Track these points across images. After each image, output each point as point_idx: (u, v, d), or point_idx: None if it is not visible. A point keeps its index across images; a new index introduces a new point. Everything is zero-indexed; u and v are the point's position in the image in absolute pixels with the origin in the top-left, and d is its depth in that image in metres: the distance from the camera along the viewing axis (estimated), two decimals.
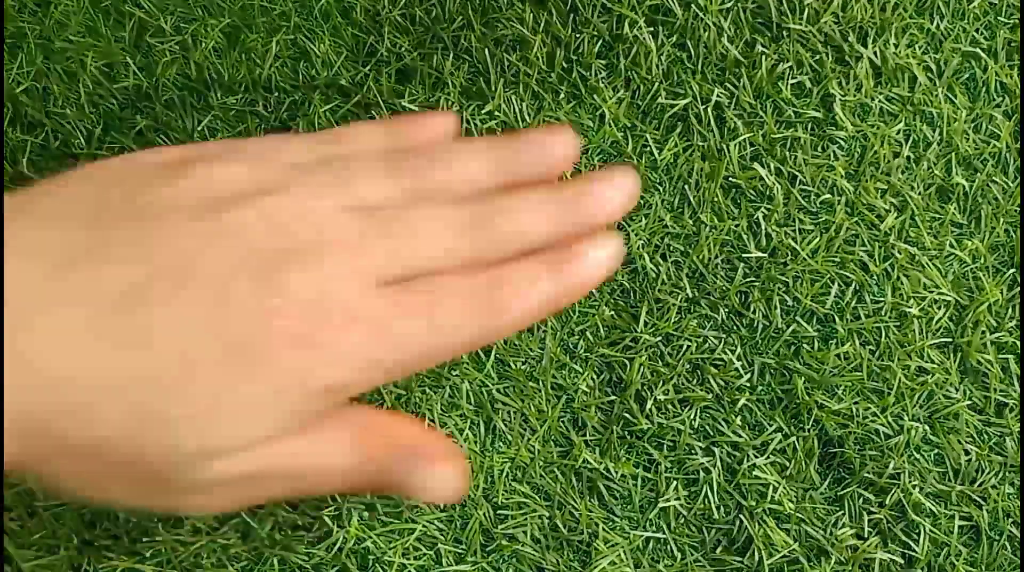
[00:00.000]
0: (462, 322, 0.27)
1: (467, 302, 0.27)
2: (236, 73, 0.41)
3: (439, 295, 0.27)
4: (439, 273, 0.27)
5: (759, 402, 0.37)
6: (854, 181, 0.38)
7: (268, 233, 0.26)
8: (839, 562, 0.35)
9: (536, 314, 0.28)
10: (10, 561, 0.36)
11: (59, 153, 0.40)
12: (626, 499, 0.36)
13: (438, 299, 0.27)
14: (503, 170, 0.30)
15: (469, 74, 0.41)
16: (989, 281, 0.38)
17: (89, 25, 0.42)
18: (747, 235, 0.38)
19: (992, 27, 0.40)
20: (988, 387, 0.37)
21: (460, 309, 0.27)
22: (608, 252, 0.28)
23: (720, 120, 0.39)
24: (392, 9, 0.41)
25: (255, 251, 0.26)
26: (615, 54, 0.40)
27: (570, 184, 0.29)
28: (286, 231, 0.26)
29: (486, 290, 0.27)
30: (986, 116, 0.39)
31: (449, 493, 0.28)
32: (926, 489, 0.36)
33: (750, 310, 0.37)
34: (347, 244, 0.27)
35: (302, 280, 0.26)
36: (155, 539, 0.36)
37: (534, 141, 0.30)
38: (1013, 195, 0.38)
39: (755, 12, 0.40)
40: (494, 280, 0.28)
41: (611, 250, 0.29)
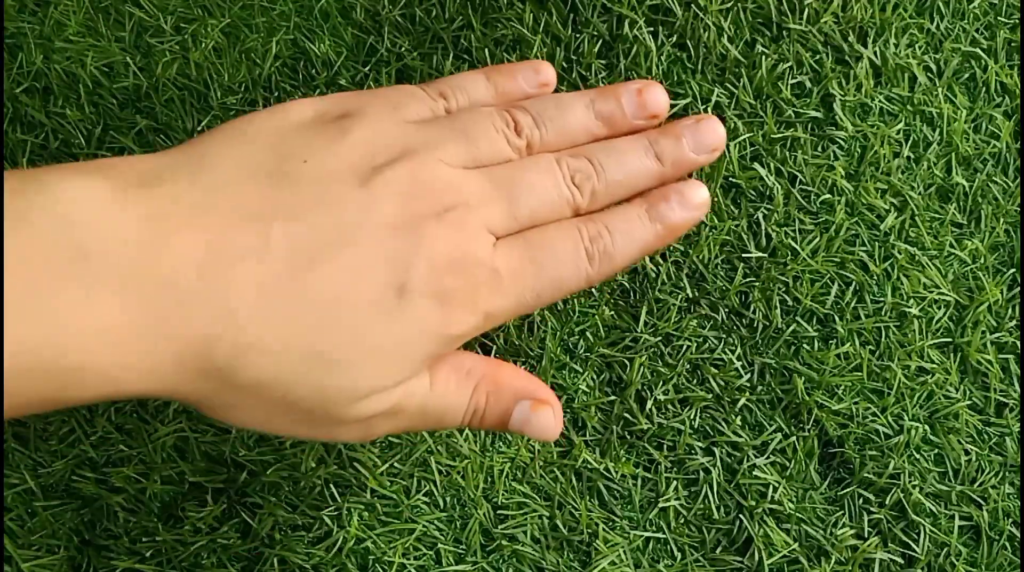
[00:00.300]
0: (574, 273, 0.30)
1: (578, 254, 0.30)
2: (236, 73, 0.41)
3: (554, 247, 0.30)
4: (555, 220, 0.31)
5: (759, 402, 0.37)
6: (854, 181, 0.38)
7: (415, 195, 0.28)
8: (839, 562, 0.35)
9: (637, 258, 0.32)
10: (10, 561, 0.36)
11: (59, 153, 0.40)
12: (626, 499, 0.36)
13: (552, 253, 0.30)
14: (607, 120, 0.33)
15: None
16: (989, 281, 0.38)
17: (89, 25, 0.42)
18: (747, 235, 0.38)
19: (992, 27, 0.40)
20: (988, 387, 0.37)
21: (572, 260, 0.30)
22: (700, 197, 0.32)
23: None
24: (392, 9, 0.41)
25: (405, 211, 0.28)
26: (615, 54, 0.40)
27: (667, 129, 0.32)
28: (430, 191, 0.29)
29: (594, 240, 0.31)
30: (986, 116, 0.39)
31: (551, 431, 0.31)
32: (926, 489, 0.36)
33: (750, 310, 0.37)
34: (478, 202, 0.29)
35: (448, 238, 0.28)
36: (155, 539, 0.36)
37: (632, 92, 0.33)
38: (1013, 195, 0.39)
39: (755, 12, 0.40)
40: (601, 229, 0.31)
41: (702, 195, 0.32)
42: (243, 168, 0.28)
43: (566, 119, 0.32)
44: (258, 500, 0.36)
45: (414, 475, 0.37)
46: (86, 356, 0.25)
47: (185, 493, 0.36)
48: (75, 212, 0.25)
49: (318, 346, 0.27)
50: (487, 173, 0.30)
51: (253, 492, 0.36)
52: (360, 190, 0.28)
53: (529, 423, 0.31)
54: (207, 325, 0.26)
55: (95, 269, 0.24)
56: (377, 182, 0.28)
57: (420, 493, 0.36)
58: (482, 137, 0.31)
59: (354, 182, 0.28)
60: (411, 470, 0.37)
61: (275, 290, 0.26)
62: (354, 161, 0.29)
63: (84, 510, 0.36)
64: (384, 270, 0.28)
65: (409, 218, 0.28)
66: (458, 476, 0.37)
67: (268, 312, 0.26)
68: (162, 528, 0.36)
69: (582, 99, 0.33)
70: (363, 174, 0.28)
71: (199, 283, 0.25)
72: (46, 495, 0.36)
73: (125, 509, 0.36)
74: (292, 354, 0.27)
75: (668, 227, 0.32)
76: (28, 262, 0.24)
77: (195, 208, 0.26)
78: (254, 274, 0.26)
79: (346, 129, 0.29)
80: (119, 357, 0.25)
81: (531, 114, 0.32)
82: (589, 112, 0.33)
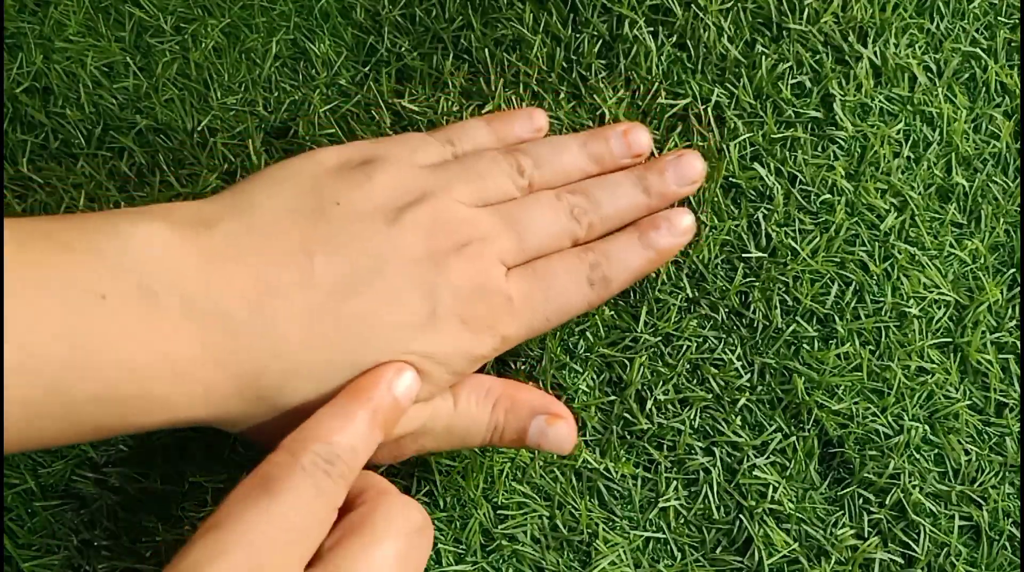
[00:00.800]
0: (578, 298, 0.34)
1: (580, 280, 0.34)
2: (236, 73, 0.41)
3: (559, 276, 0.34)
4: (556, 250, 0.34)
5: (759, 402, 0.37)
6: (854, 181, 0.38)
7: (436, 232, 0.32)
8: (839, 562, 0.35)
9: (632, 281, 0.36)
10: (10, 561, 0.36)
11: (59, 153, 0.40)
12: (626, 499, 0.36)
13: (557, 280, 0.33)
14: (597, 159, 0.37)
15: (469, 74, 0.41)
16: (989, 281, 0.38)
17: (89, 25, 0.42)
18: (747, 235, 0.38)
19: (992, 27, 0.40)
20: (988, 387, 0.37)
21: (576, 287, 0.34)
22: (686, 223, 0.36)
23: (720, 120, 0.39)
24: (392, 9, 0.41)
25: (429, 246, 0.31)
26: (615, 54, 0.40)
27: (652, 165, 0.37)
28: (449, 228, 0.32)
29: (595, 267, 0.34)
30: (986, 116, 0.39)
31: (567, 443, 0.34)
32: (926, 489, 0.36)
33: (750, 310, 0.37)
34: (491, 236, 0.33)
35: (468, 269, 0.31)
36: (155, 539, 0.36)
37: (619, 133, 0.37)
38: (1013, 195, 0.38)
39: (755, 12, 0.40)
40: (600, 257, 0.34)
41: (688, 221, 0.36)
42: (284, 210, 0.30)
43: (562, 159, 0.36)
44: None
45: (414, 475, 0.37)
46: (152, 384, 0.27)
47: (185, 493, 0.36)
48: (143, 252, 0.28)
49: (359, 363, 0.30)
50: (497, 210, 0.34)
51: None
52: (388, 228, 0.31)
53: (546, 436, 0.33)
54: (259, 354, 0.28)
55: (162, 304, 0.27)
56: (403, 221, 0.31)
57: (420, 493, 0.36)
58: (490, 178, 0.34)
59: (382, 221, 0.31)
60: (411, 470, 0.37)
61: (319, 317, 0.29)
62: (380, 203, 0.32)
63: (84, 510, 0.36)
64: (416, 296, 0.31)
65: (433, 252, 0.31)
66: (458, 476, 0.37)
67: (313, 338, 0.29)
68: (162, 528, 0.36)
69: (575, 141, 0.37)
70: (389, 214, 0.31)
71: (251, 315, 0.28)
72: (46, 495, 0.36)
73: (125, 509, 0.36)
74: (335, 374, 0.30)
75: (659, 252, 0.36)
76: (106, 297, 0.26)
77: (245, 247, 0.29)
78: (299, 304, 0.29)
79: (370, 174, 0.32)
80: (180, 385, 0.28)
81: (531, 156, 0.35)
82: (582, 152, 0.36)
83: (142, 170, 0.40)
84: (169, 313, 0.27)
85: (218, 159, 0.40)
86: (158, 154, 0.40)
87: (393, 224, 0.31)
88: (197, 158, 0.40)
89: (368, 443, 0.29)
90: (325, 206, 0.31)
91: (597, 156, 0.37)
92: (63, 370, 0.26)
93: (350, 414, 0.29)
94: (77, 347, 0.26)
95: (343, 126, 0.40)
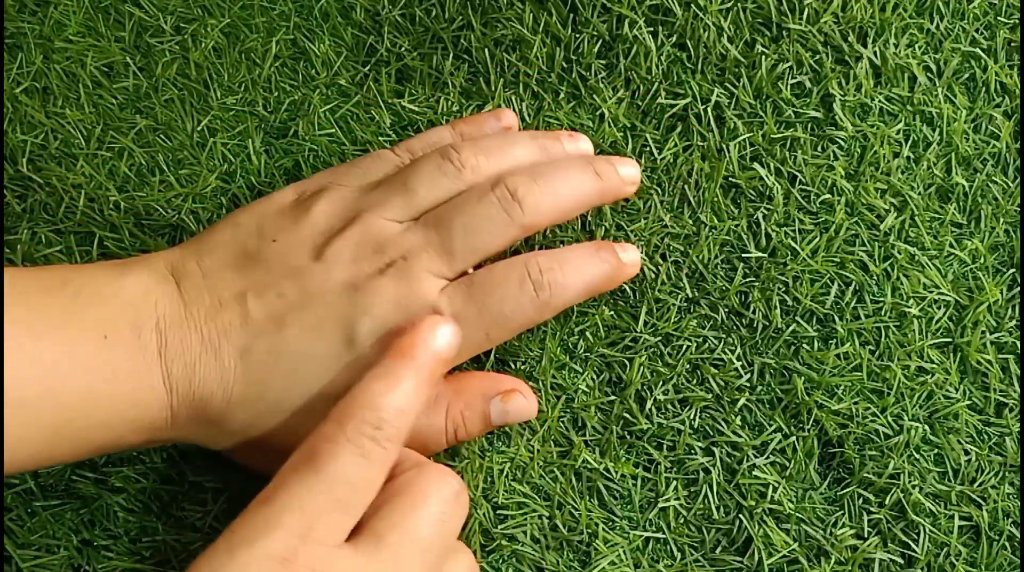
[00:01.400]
0: (521, 307, 0.33)
1: (521, 290, 0.33)
2: (236, 73, 0.41)
3: (497, 286, 0.33)
4: (499, 244, 0.33)
5: (759, 402, 0.37)
6: (854, 181, 0.38)
7: (360, 257, 0.33)
8: (839, 562, 0.35)
9: (584, 293, 0.34)
10: (10, 560, 0.36)
11: (59, 153, 0.40)
12: (626, 499, 0.36)
13: (496, 291, 0.33)
14: (544, 150, 0.36)
15: (469, 74, 0.41)
16: (989, 281, 0.38)
17: (89, 25, 0.42)
18: (747, 235, 0.38)
19: (992, 27, 0.40)
20: (988, 387, 0.37)
21: (516, 295, 0.33)
22: (635, 256, 0.36)
23: (720, 120, 0.39)
24: (392, 9, 0.41)
25: (353, 273, 0.32)
26: (615, 54, 0.40)
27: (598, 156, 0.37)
28: (372, 251, 0.33)
29: (545, 272, 0.33)
30: (986, 116, 0.39)
31: (529, 411, 0.35)
32: (926, 489, 0.36)
33: (750, 310, 0.37)
34: (416, 251, 0.33)
35: (390, 289, 0.32)
36: (155, 539, 0.36)
37: (567, 137, 0.37)
38: (1013, 195, 0.38)
39: (755, 12, 0.40)
40: (552, 262, 0.34)
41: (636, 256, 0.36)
42: (230, 254, 0.34)
43: (512, 148, 0.36)
44: None
45: None
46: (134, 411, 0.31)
47: (185, 493, 0.36)
48: (136, 298, 0.32)
49: (286, 398, 0.32)
50: (424, 222, 0.34)
51: (253, 492, 0.36)
52: (314, 262, 0.33)
53: (507, 414, 0.35)
54: (208, 387, 0.32)
55: (143, 340, 0.31)
56: (327, 254, 0.33)
57: None
58: (422, 185, 0.34)
59: (309, 256, 0.33)
60: None
61: (251, 352, 0.32)
62: (309, 235, 0.33)
63: (84, 510, 0.36)
64: (336, 327, 0.32)
65: (356, 278, 0.32)
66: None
67: (248, 372, 0.32)
68: (162, 528, 0.36)
69: (526, 135, 0.37)
70: (317, 247, 0.33)
71: (201, 351, 0.32)
72: (46, 495, 0.36)
73: (125, 509, 0.36)
74: (267, 406, 0.32)
75: (615, 266, 0.35)
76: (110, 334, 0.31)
77: (200, 295, 0.33)
78: (237, 341, 0.32)
79: (309, 207, 0.34)
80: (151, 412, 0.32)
81: (475, 146, 0.35)
82: (532, 144, 0.36)
83: (142, 170, 0.40)
84: (148, 350, 0.31)
85: (218, 159, 0.40)
86: (158, 154, 0.40)
87: (319, 258, 0.33)
88: (197, 158, 0.40)
89: (416, 401, 0.30)
90: (263, 247, 0.33)
91: (545, 148, 0.36)
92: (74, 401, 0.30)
93: (395, 375, 0.30)
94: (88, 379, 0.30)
95: (343, 126, 0.40)
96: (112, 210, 0.39)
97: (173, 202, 0.39)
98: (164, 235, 0.39)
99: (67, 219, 0.39)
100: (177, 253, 0.34)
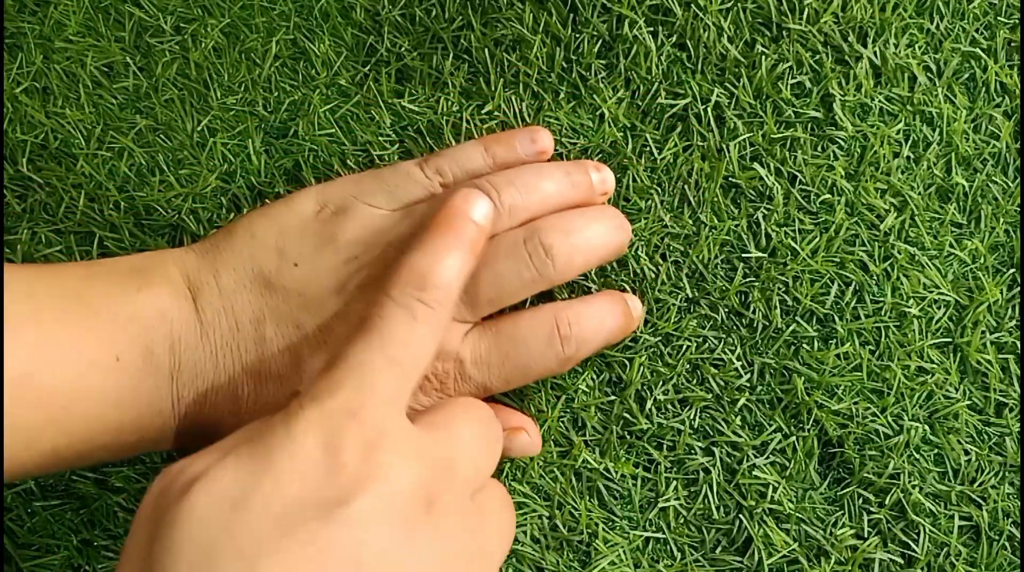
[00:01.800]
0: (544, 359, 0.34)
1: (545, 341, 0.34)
2: (236, 73, 0.41)
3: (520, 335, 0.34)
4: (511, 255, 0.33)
5: (759, 402, 0.37)
6: (854, 181, 0.38)
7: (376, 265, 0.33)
8: (839, 562, 0.35)
9: (604, 342, 0.35)
10: (10, 560, 0.36)
11: (59, 153, 0.40)
12: (626, 499, 0.36)
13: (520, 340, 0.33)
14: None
15: (469, 74, 0.41)
16: (989, 281, 0.38)
17: (89, 25, 0.42)
18: (747, 235, 0.38)
19: (992, 27, 0.40)
20: (988, 387, 0.37)
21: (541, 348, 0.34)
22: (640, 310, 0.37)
23: (720, 120, 0.39)
24: (392, 9, 0.41)
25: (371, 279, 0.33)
26: (615, 54, 0.40)
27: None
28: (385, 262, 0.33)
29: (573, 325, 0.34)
30: (986, 116, 0.39)
31: (531, 449, 0.35)
32: (926, 489, 0.36)
33: (750, 310, 0.37)
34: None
35: None
36: None
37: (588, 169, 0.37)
38: (1013, 195, 0.38)
39: (755, 12, 0.40)
40: (572, 314, 0.34)
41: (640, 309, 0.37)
42: (248, 274, 0.33)
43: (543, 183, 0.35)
44: None
45: None
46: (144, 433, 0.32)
47: None
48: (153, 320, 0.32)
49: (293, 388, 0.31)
50: None
51: None
52: (336, 296, 0.32)
53: (510, 450, 0.35)
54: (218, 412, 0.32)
55: (157, 363, 0.31)
56: (349, 285, 0.32)
57: None
58: None
59: (334, 287, 0.33)
60: None
61: (265, 379, 0.32)
62: (332, 267, 0.33)
63: (84, 510, 0.36)
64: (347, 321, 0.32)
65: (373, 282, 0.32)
66: None
67: (262, 399, 0.32)
68: None
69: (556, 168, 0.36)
70: (341, 280, 0.33)
71: (215, 377, 0.32)
72: (46, 495, 0.36)
73: (125, 509, 0.36)
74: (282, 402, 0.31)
75: (628, 321, 0.36)
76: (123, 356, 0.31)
77: (218, 313, 0.32)
78: (253, 367, 0.32)
79: (333, 232, 0.34)
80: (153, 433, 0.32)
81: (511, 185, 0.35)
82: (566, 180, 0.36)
83: (142, 170, 0.40)
84: (161, 372, 0.31)
85: (218, 159, 0.40)
86: (158, 154, 0.40)
87: (341, 291, 0.33)
88: (197, 158, 0.40)
89: (461, 271, 0.31)
90: (283, 270, 0.33)
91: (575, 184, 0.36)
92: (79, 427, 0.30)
93: (439, 247, 0.30)
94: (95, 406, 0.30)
95: (343, 126, 0.40)
96: (112, 210, 0.39)
97: (173, 202, 0.39)
98: (164, 235, 0.39)
99: (67, 219, 0.39)
100: (193, 261, 0.34)
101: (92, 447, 0.30)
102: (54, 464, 0.30)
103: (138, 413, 0.31)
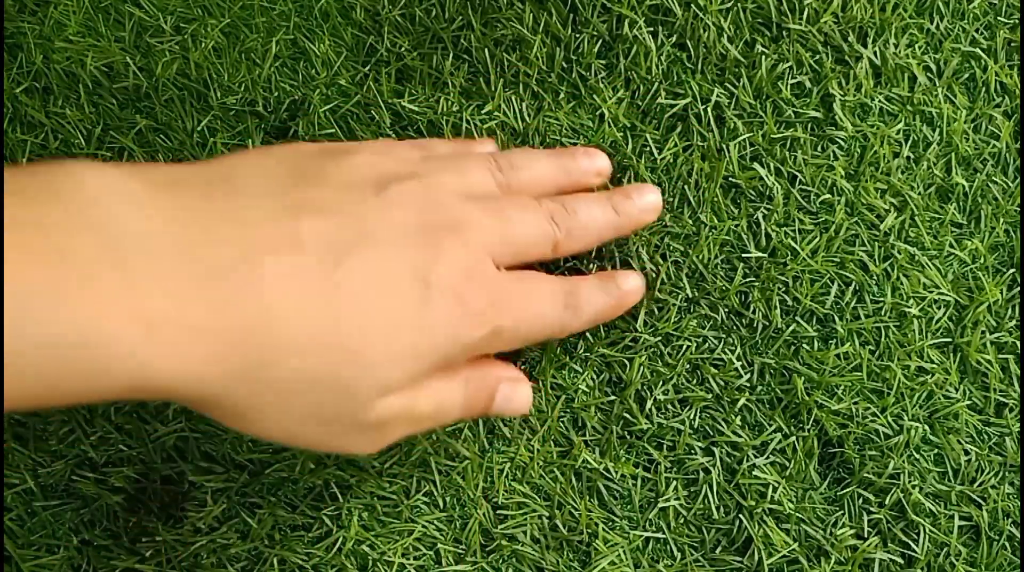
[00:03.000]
0: (550, 319, 0.33)
1: (558, 300, 0.33)
2: (236, 73, 0.41)
3: (540, 289, 0.33)
4: (536, 254, 0.33)
5: (759, 402, 0.37)
6: (854, 181, 0.38)
7: (427, 208, 0.30)
8: (839, 562, 0.35)
9: (594, 322, 0.36)
10: (10, 561, 0.36)
11: (59, 153, 0.40)
12: (626, 499, 0.36)
13: (538, 292, 0.33)
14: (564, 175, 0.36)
15: (469, 74, 0.41)
16: (989, 281, 0.38)
17: (89, 25, 0.42)
18: (747, 235, 0.38)
19: (992, 27, 0.40)
20: (988, 387, 0.37)
21: (551, 306, 0.33)
22: (639, 282, 0.37)
23: (720, 120, 0.39)
24: (392, 9, 0.41)
25: (420, 220, 0.30)
26: (615, 54, 0.40)
27: (618, 189, 0.37)
28: (440, 207, 0.30)
29: (570, 294, 0.34)
30: (986, 116, 0.39)
31: (527, 406, 0.34)
32: (926, 489, 0.36)
33: (750, 310, 0.37)
34: (479, 226, 0.31)
35: (459, 249, 0.30)
36: (155, 539, 0.36)
37: (584, 155, 0.37)
38: (1013, 195, 0.38)
39: (755, 12, 0.40)
40: (577, 287, 0.34)
41: (640, 281, 0.37)
42: (269, 179, 0.28)
43: (539, 167, 0.36)
44: (258, 500, 0.36)
45: (414, 476, 0.37)
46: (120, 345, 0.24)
47: (185, 493, 0.36)
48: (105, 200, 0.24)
49: (348, 342, 0.27)
50: (483, 203, 0.32)
51: (253, 492, 0.36)
52: (376, 198, 0.29)
53: (510, 401, 0.33)
54: (241, 318, 0.25)
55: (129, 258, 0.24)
56: (391, 191, 0.30)
57: (420, 493, 0.36)
58: (471, 174, 0.33)
59: (371, 190, 0.30)
60: (411, 471, 0.37)
61: (307, 283, 0.26)
62: (367, 174, 0.30)
63: (84, 510, 0.36)
64: (409, 267, 0.29)
65: (424, 226, 0.30)
66: (458, 476, 0.37)
67: (300, 306, 0.26)
68: (162, 528, 0.36)
69: (545, 154, 0.37)
70: (378, 184, 0.30)
71: (234, 276, 0.25)
72: (46, 495, 0.36)
73: (125, 509, 0.36)
74: (323, 350, 0.27)
75: (618, 298, 0.36)
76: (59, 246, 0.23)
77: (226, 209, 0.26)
78: (287, 267, 0.26)
79: (353, 153, 0.31)
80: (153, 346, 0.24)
81: (507, 159, 0.35)
82: (552, 162, 0.36)
83: None
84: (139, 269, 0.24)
85: None
86: (158, 154, 0.40)
87: (381, 194, 0.29)
88: (197, 158, 0.40)
89: None
90: (309, 175, 0.29)
91: (567, 172, 0.37)
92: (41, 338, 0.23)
93: None
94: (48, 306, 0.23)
95: (343, 126, 0.40)
96: None
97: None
98: None
99: None
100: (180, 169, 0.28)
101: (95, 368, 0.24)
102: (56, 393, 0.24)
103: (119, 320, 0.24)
